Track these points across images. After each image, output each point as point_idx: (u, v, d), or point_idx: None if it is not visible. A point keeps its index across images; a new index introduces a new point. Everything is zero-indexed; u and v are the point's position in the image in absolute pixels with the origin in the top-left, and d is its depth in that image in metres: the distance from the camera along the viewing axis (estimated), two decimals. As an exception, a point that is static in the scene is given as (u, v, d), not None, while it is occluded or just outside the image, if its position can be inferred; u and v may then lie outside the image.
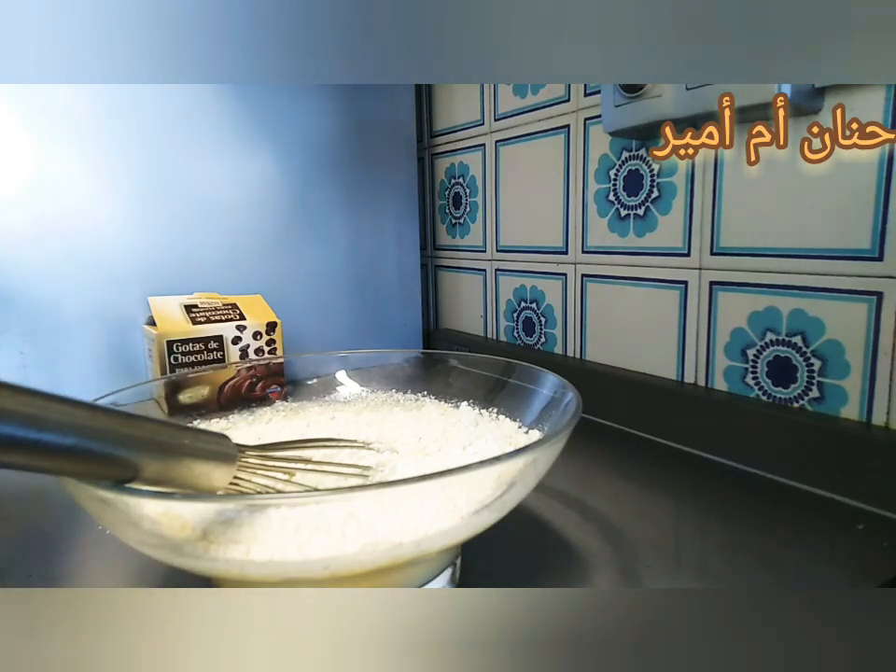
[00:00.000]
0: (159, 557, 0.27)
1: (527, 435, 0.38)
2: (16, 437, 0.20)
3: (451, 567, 0.33)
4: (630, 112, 0.51)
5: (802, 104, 0.43)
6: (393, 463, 0.35)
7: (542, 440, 0.29)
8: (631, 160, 0.58)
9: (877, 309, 0.42)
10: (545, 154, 0.67)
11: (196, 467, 0.26)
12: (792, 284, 0.47)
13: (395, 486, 0.25)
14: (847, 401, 0.45)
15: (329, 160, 0.73)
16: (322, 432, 0.41)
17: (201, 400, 0.45)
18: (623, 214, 0.60)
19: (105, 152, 0.60)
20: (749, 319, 0.50)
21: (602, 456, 0.53)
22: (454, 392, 0.46)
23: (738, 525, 0.40)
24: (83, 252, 0.59)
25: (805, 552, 0.37)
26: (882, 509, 0.41)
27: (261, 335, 0.60)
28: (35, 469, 0.22)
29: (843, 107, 0.39)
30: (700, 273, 0.53)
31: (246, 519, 0.25)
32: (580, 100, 0.62)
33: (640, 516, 0.42)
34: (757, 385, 0.50)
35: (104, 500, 0.24)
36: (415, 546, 0.26)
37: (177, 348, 0.56)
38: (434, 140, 0.85)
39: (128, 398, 0.38)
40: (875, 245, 0.42)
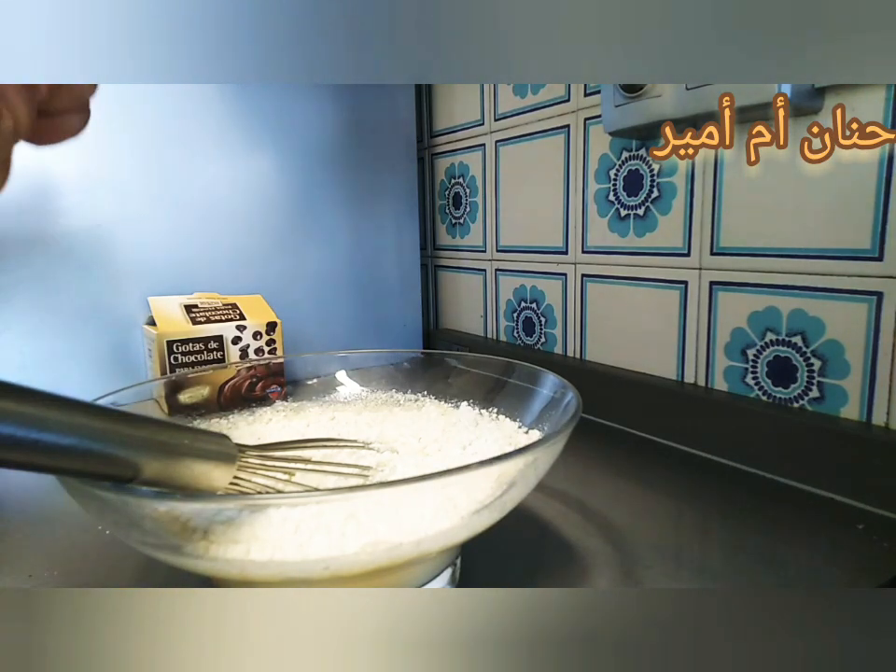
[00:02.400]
0: (159, 557, 0.27)
1: (527, 435, 0.38)
2: (16, 437, 0.20)
3: (451, 567, 0.33)
4: (630, 112, 0.51)
5: (802, 104, 0.43)
6: (393, 463, 0.35)
7: (542, 440, 0.29)
8: (631, 160, 0.58)
9: (877, 309, 0.42)
10: (545, 154, 0.67)
11: (196, 467, 0.26)
12: (792, 284, 0.47)
13: (395, 486, 0.25)
14: (847, 401, 0.45)
15: (329, 160, 0.73)
16: (322, 432, 0.41)
17: (201, 400, 0.45)
18: (623, 214, 0.60)
19: (105, 153, 0.60)
20: (749, 319, 0.50)
21: (602, 456, 0.53)
22: (454, 392, 0.46)
23: (738, 525, 0.40)
24: (83, 252, 0.59)
25: (805, 552, 0.37)
26: (882, 509, 0.41)
27: (261, 335, 0.60)
28: (35, 468, 0.22)
29: (843, 107, 0.39)
30: (700, 272, 0.53)
31: (246, 519, 0.25)
32: (580, 100, 0.62)
33: (640, 516, 0.42)
34: (757, 385, 0.50)
35: (103, 500, 0.25)
36: (415, 546, 0.26)
37: (177, 348, 0.56)
38: (434, 140, 0.85)
39: (128, 398, 0.38)
40: (875, 244, 0.42)
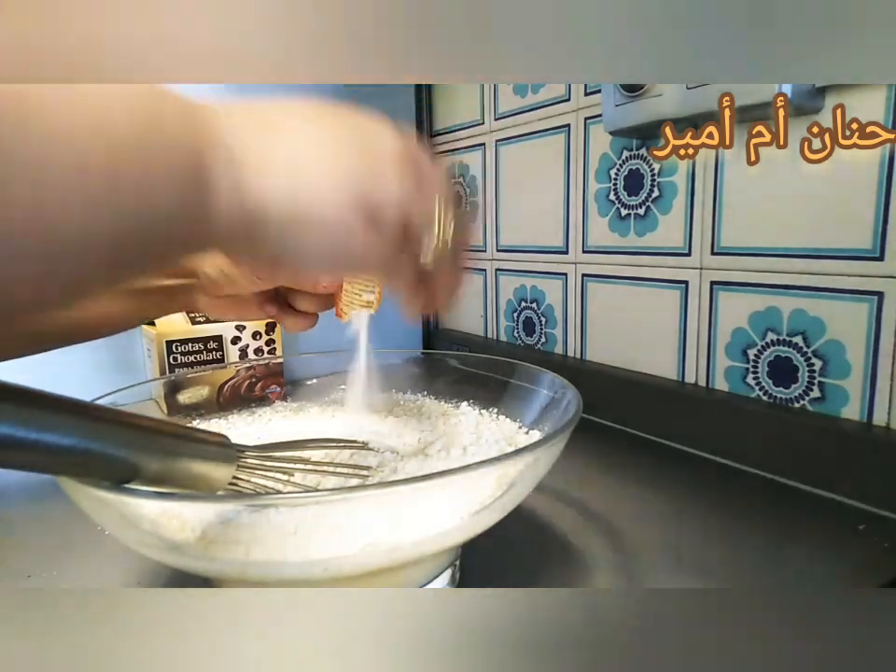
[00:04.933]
0: (158, 558, 0.27)
1: (528, 435, 0.38)
2: (16, 437, 0.20)
3: (451, 567, 0.33)
4: (630, 111, 0.51)
5: (802, 104, 0.42)
6: (393, 463, 0.35)
7: (542, 440, 0.29)
8: (631, 159, 0.58)
9: (878, 309, 0.42)
10: (545, 153, 0.67)
11: (195, 467, 0.26)
12: (793, 284, 0.47)
13: (395, 487, 0.25)
14: (848, 401, 0.45)
15: (330, 160, 0.73)
16: (322, 432, 0.41)
17: (200, 400, 0.45)
18: (623, 213, 0.60)
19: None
20: (750, 319, 0.50)
21: (602, 457, 0.53)
22: (454, 392, 0.46)
23: (739, 525, 0.40)
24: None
25: (806, 552, 0.37)
26: (883, 509, 0.41)
27: (261, 335, 0.60)
28: (35, 468, 0.22)
29: (843, 107, 0.39)
30: (701, 272, 0.53)
31: (246, 519, 0.25)
32: (580, 99, 0.62)
33: (641, 516, 0.42)
34: (758, 386, 0.50)
35: (102, 501, 0.24)
36: (415, 547, 0.26)
37: (177, 348, 0.56)
38: (434, 140, 0.85)
39: (127, 398, 0.38)
40: (875, 244, 0.42)
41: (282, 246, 0.23)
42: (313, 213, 0.23)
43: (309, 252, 0.24)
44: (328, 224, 0.23)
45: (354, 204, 0.23)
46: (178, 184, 0.20)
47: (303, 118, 0.25)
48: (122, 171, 0.18)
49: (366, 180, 0.24)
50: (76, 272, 0.18)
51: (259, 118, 0.23)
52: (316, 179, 0.23)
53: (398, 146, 0.26)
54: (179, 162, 0.20)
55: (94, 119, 0.17)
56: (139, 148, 0.18)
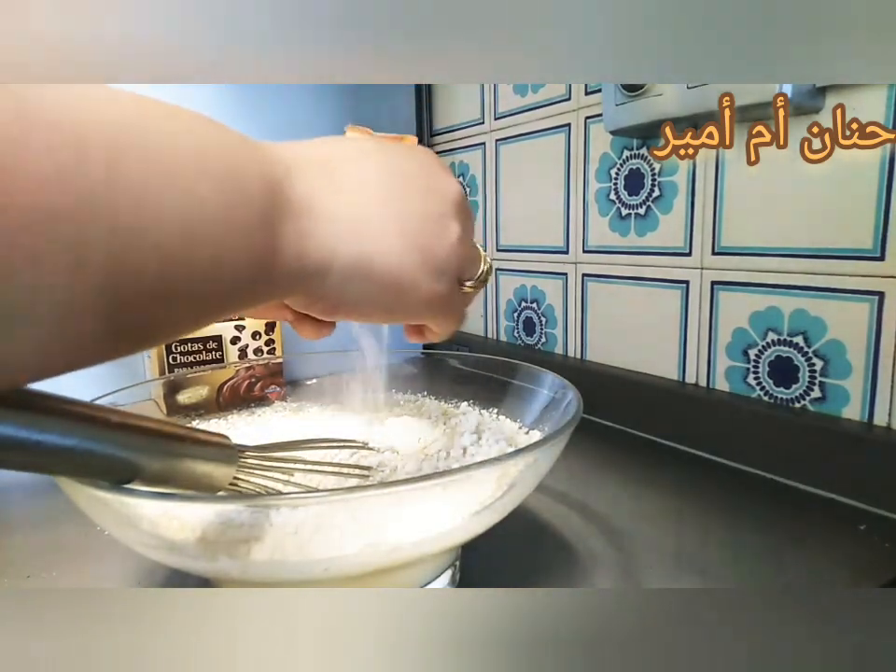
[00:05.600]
0: (158, 558, 0.27)
1: (528, 435, 0.38)
2: (16, 437, 0.20)
3: (451, 567, 0.33)
4: (631, 111, 0.51)
5: (802, 103, 0.42)
6: (393, 463, 0.35)
7: (543, 440, 0.29)
8: (632, 158, 0.58)
9: (879, 309, 0.42)
10: (546, 153, 0.67)
11: (195, 467, 0.26)
12: (794, 283, 0.47)
13: (395, 487, 0.25)
14: (849, 402, 0.45)
15: (330, 160, 0.73)
16: (322, 432, 0.41)
17: (200, 401, 0.45)
18: (623, 213, 0.60)
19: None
20: (751, 319, 0.50)
21: (603, 457, 0.53)
22: (454, 392, 0.46)
23: (739, 526, 0.40)
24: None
25: (807, 552, 0.37)
26: (883, 509, 0.41)
27: (260, 335, 0.60)
28: (35, 469, 0.22)
29: (843, 107, 0.39)
30: (701, 272, 0.53)
31: (246, 520, 0.25)
32: (580, 98, 0.62)
33: (641, 516, 0.42)
34: (758, 386, 0.50)
35: (102, 501, 0.24)
36: (415, 547, 0.26)
37: (176, 348, 0.56)
38: (434, 139, 0.85)
39: (127, 398, 0.38)
40: (876, 244, 0.42)
41: (343, 296, 0.22)
42: (376, 262, 0.22)
43: (370, 301, 0.23)
44: (392, 274, 0.22)
45: (418, 254, 0.23)
46: (251, 249, 0.19)
47: (362, 156, 0.23)
48: (200, 243, 0.18)
49: (429, 227, 0.23)
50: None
51: (321, 158, 0.22)
52: (380, 226, 0.22)
53: (455, 188, 0.25)
54: (255, 230, 0.19)
55: (184, 204, 0.17)
56: (220, 223, 0.18)
